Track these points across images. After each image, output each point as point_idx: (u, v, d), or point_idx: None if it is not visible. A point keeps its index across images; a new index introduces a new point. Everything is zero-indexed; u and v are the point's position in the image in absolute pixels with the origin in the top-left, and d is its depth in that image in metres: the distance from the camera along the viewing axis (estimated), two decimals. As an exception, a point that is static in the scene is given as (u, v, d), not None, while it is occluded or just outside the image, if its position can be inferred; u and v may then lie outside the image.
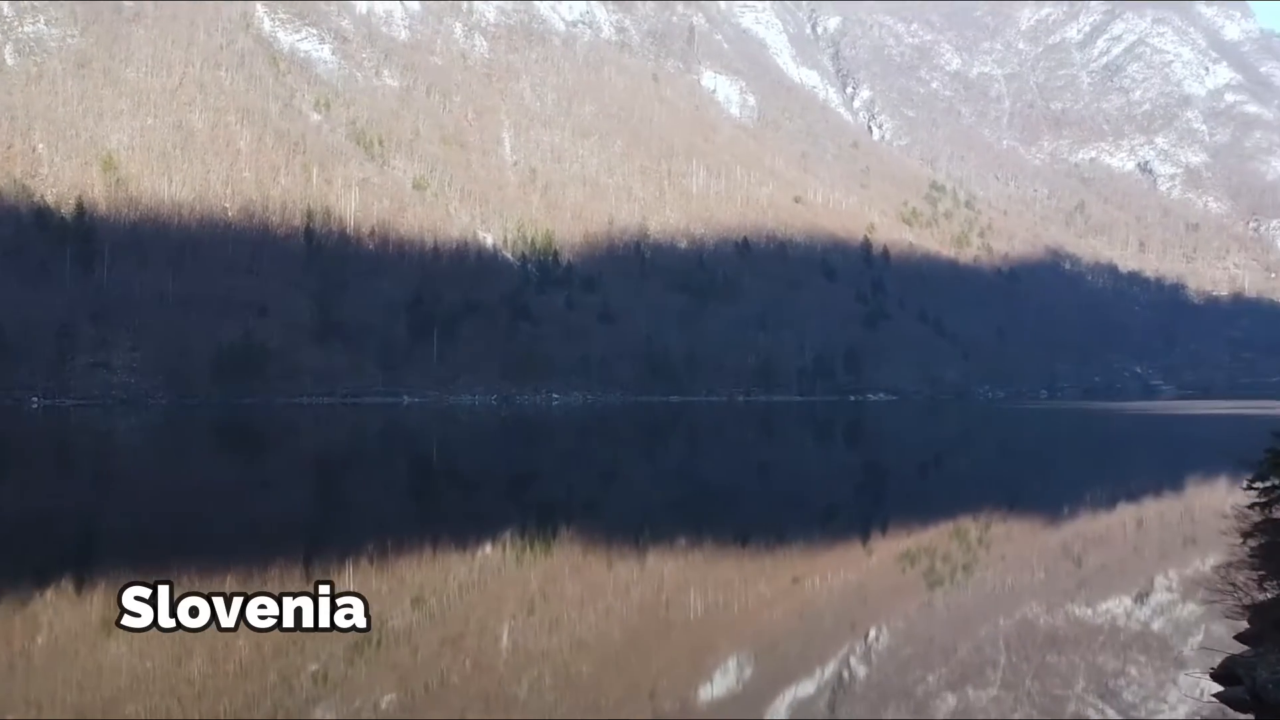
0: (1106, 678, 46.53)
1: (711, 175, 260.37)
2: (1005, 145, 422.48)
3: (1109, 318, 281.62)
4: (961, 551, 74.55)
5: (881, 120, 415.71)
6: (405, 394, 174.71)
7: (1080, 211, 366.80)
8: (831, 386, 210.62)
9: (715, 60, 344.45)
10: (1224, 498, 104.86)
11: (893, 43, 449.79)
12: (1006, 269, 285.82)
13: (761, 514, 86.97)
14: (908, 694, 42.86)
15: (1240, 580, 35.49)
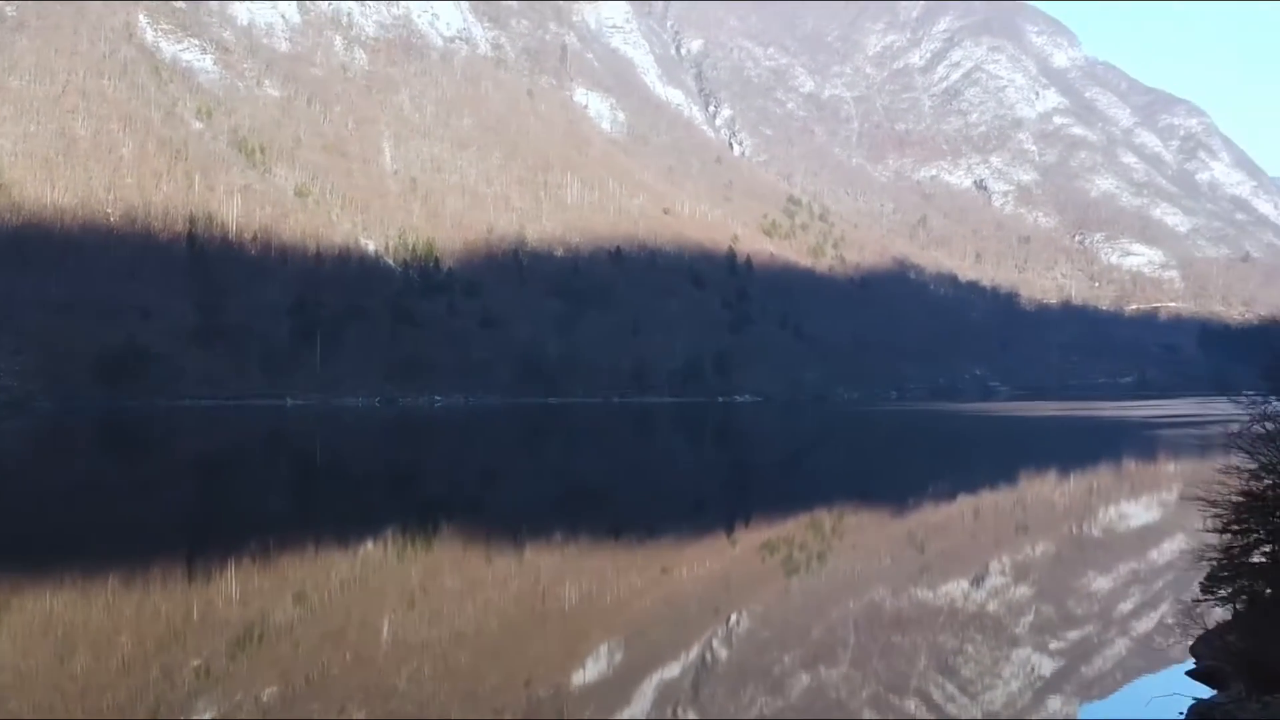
0: (946, 655, 46.74)
1: (585, 187, 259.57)
2: (855, 163, 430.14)
3: (951, 324, 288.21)
4: (816, 541, 74.87)
5: (741, 137, 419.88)
6: (289, 397, 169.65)
7: (923, 225, 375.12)
8: (701, 389, 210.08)
9: (587, 77, 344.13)
10: (1052, 489, 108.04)
11: (751, 65, 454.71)
12: (858, 278, 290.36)
13: (634, 509, 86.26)
14: (765, 673, 42.41)
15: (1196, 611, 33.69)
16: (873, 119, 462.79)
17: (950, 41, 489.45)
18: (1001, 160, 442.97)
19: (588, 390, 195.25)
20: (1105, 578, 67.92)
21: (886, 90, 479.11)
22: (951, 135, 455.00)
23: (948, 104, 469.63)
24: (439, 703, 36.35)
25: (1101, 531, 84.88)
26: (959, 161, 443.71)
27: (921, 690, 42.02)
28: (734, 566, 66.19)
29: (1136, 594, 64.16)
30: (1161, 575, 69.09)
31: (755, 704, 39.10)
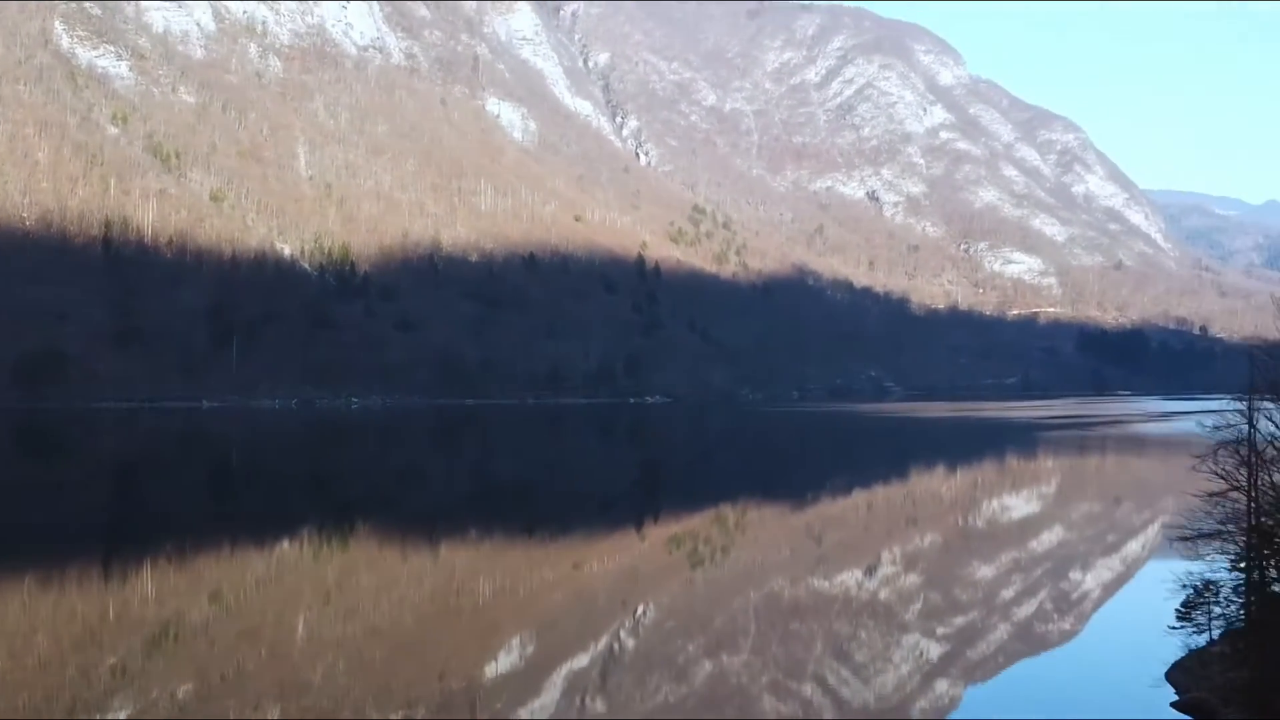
0: (841, 641, 47.99)
1: (499, 194, 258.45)
2: (755, 173, 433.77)
3: (848, 327, 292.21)
4: (721, 535, 75.86)
5: (648, 148, 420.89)
6: (205, 399, 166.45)
7: (820, 234, 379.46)
8: (613, 390, 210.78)
9: (498, 88, 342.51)
10: (940, 484, 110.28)
11: (656, 79, 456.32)
12: (761, 283, 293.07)
13: (548, 507, 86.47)
14: (670, 662, 43.10)
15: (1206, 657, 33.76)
16: (772, 132, 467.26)
17: (844, 59, 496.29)
18: (892, 172, 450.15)
19: (504, 392, 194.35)
20: (988, 566, 69.77)
21: (784, 104, 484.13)
22: (845, 148, 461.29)
23: (842, 118, 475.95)
24: (353, 697, 36.41)
25: (984, 523, 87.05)
26: (853, 173, 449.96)
27: (818, 675, 43.10)
28: (642, 560, 66.80)
29: (1018, 581, 66.08)
30: (1040, 564, 71.23)
31: (660, 691, 39.77)
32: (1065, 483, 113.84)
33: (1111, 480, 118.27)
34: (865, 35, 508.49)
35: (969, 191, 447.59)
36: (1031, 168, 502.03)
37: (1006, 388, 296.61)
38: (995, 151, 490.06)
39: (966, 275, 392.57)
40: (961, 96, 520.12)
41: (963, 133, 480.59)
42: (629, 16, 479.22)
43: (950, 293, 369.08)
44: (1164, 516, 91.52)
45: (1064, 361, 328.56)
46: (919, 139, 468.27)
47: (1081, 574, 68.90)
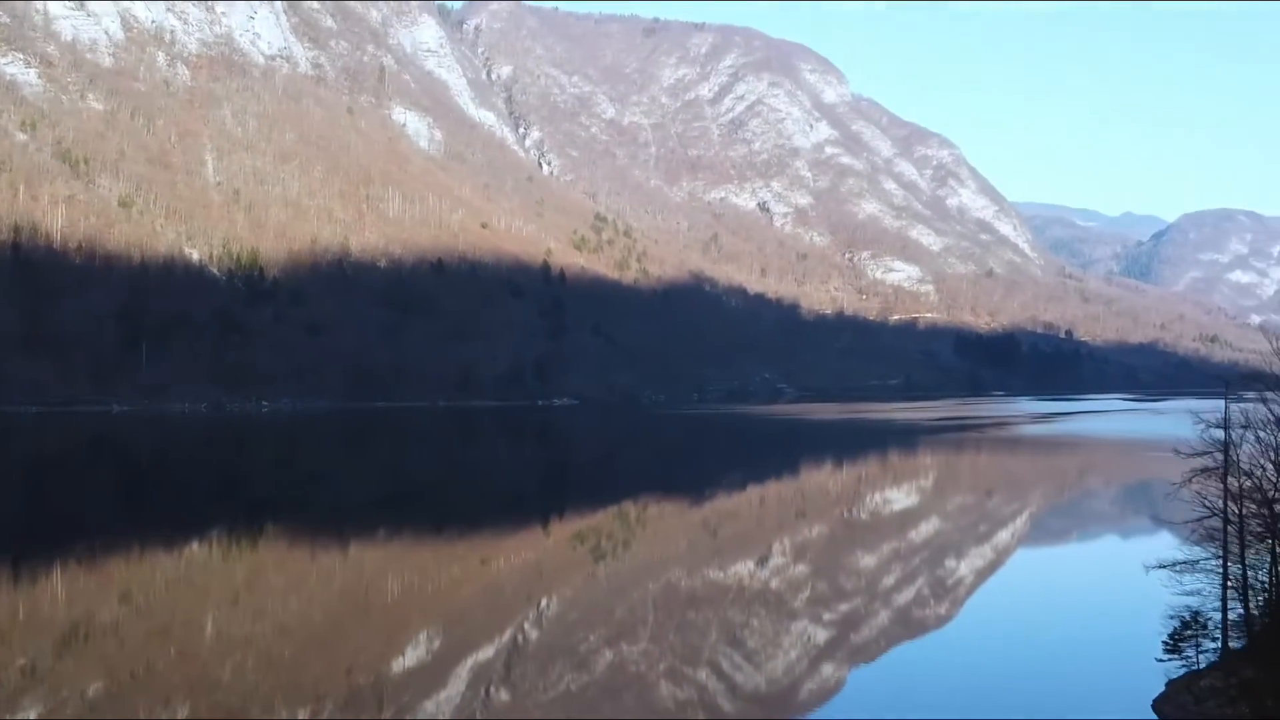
0: (734, 628, 48.86)
1: (406, 201, 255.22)
2: (653, 184, 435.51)
3: (743, 331, 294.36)
4: (622, 530, 76.37)
5: (550, 158, 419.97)
6: (115, 403, 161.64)
7: (715, 242, 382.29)
8: (523, 393, 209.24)
9: (404, 97, 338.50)
10: (826, 479, 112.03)
11: (557, 91, 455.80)
12: (660, 289, 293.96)
13: (456, 506, 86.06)
14: (572, 651, 43.53)
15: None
16: (668, 145, 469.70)
17: (735, 76, 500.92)
18: (781, 185, 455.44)
19: (414, 395, 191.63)
20: (870, 556, 71.22)
21: (680, 119, 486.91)
22: (738, 161, 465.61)
23: (734, 133, 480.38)
24: (262, 693, 36.05)
25: (867, 515, 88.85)
26: (744, 185, 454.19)
27: (712, 661, 43.80)
28: (547, 556, 67.04)
29: (898, 569, 67.50)
30: (918, 553, 72.86)
31: (563, 681, 40.11)
32: (944, 479, 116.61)
33: (984, 474, 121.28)
34: (755, 54, 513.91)
35: (853, 203, 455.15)
36: (909, 182, 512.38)
37: (890, 389, 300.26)
38: (876, 166, 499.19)
39: (851, 282, 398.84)
40: (845, 114, 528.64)
41: (846, 148, 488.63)
42: (530, 32, 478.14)
43: (837, 299, 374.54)
44: (1031, 509, 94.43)
45: (943, 364, 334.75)
46: (806, 153, 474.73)
47: (956, 561, 70.71)
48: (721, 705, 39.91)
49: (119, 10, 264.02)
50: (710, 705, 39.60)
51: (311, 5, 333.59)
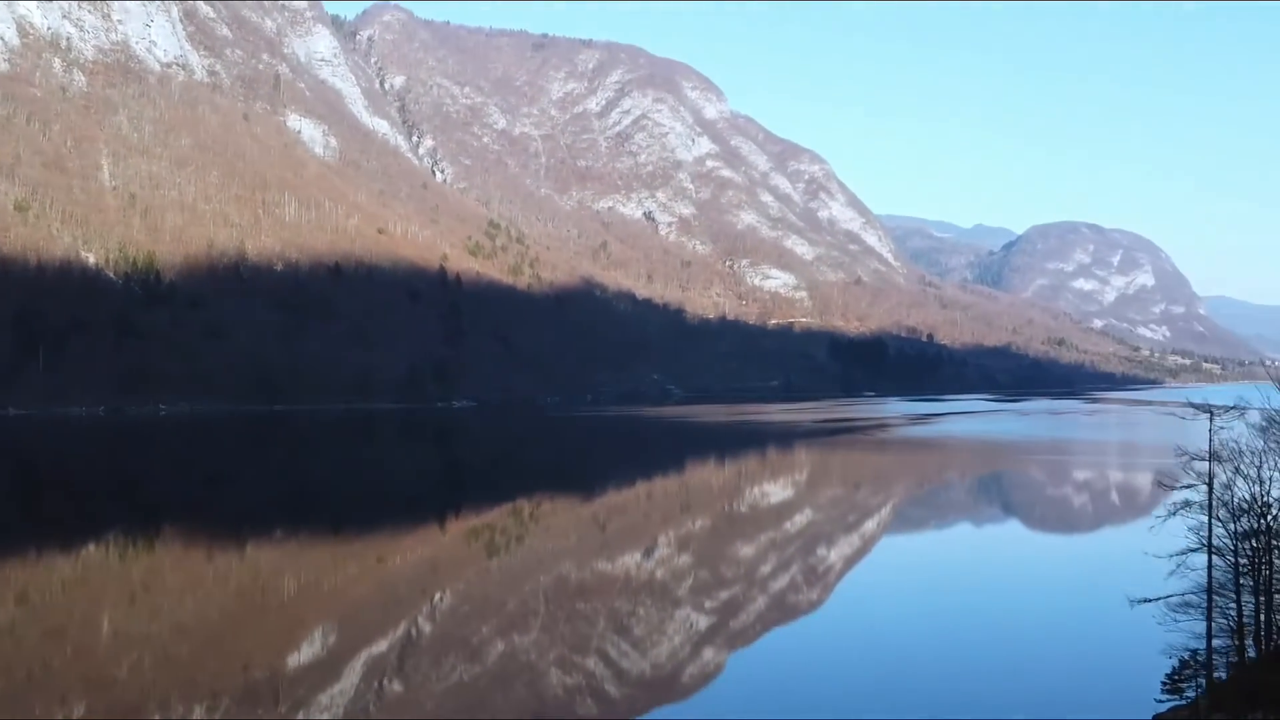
0: (622, 617, 49.22)
1: (303, 206, 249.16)
2: (543, 193, 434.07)
3: (633, 335, 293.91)
4: (515, 526, 76.15)
5: (443, 166, 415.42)
6: (10, 407, 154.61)
7: (604, 249, 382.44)
8: (421, 396, 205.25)
9: (299, 105, 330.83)
10: (710, 475, 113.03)
11: (450, 102, 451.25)
12: (553, 294, 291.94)
13: (354, 507, 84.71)
14: (464, 643, 43.42)
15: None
16: (558, 155, 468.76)
17: (621, 92, 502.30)
18: (666, 195, 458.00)
19: (313, 398, 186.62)
20: (749, 545, 72.06)
21: (569, 131, 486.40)
22: (624, 173, 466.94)
23: (620, 146, 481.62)
24: (158, 691, 35.12)
25: (747, 508, 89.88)
26: (631, 195, 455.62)
27: (600, 649, 43.92)
28: (442, 552, 66.41)
29: (773, 558, 68.43)
30: (792, 542, 74.02)
31: (455, 671, 39.91)
32: (820, 478, 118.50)
33: (854, 470, 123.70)
34: (640, 71, 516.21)
35: (732, 214, 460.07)
36: (784, 195, 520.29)
37: (771, 390, 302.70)
38: (754, 179, 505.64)
39: (732, 289, 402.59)
40: (724, 130, 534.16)
41: (726, 162, 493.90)
42: (423, 44, 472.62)
43: (719, 304, 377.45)
44: (894, 500, 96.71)
45: (818, 366, 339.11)
46: (688, 166, 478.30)
47: (827, 550, 72.06)
48: (609, 691, 40.08)
49: (14, 17, 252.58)
50: (598, 692, 39.73)
51: (207, 14, 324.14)
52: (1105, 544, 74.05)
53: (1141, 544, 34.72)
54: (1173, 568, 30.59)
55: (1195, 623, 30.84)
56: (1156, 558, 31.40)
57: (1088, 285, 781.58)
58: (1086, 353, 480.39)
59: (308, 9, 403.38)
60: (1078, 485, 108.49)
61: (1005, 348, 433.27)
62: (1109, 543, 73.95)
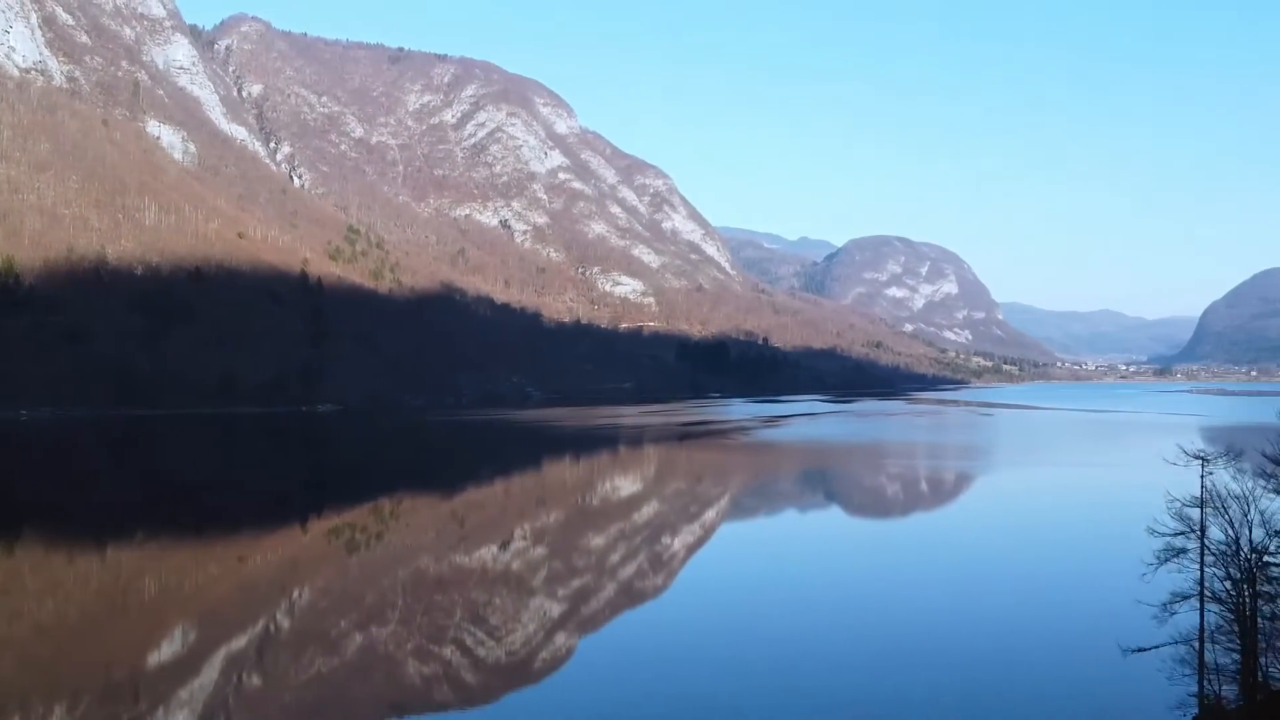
0: (477, 608, 49.22)
1: (163, 211, 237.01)
2: (401, 200, 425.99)
3: (493, 338, 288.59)
4: (376, 524, 74.92)
5: (301, 172, 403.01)
6: None
7: (462, 255, 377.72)
8: (287, 399, 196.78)
9: (159, 111, 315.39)
10: (565, 472, 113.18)
11: (307, 110, 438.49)
12: (414, 298, 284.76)
13: (217, 509, 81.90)
14: (323, 636, 42.82)
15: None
16: (415, 164, 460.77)
17: (476, 105, 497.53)
18: (520, 205, 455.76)
19: (177, 402, 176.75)
20: (600, 536, 72.53)
21: (425, 141, 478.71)
22: (480, 182, 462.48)
23: (476, 156, 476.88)
24: (19, 689, 33.54)
25: (599, 501, 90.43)
26: (487, 204, 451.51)
27: (457, 639, 43.69)
28: (303, 551, 64.80)
29: (623, 547, 69.06)
30: (640, 533, 74.90)
31: (314, 664, 39.20)
32: (671, 479, 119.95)
33: (697, 466, 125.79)
34: (494, 86, 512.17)
35: (583, 224, 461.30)
36: (631, 207, 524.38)
37: (624, 391, 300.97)
38: (603, 192, 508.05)
39: (585, 294, 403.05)
40: (574, 144, 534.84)
41: (577, 175, 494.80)
42: (280, 54, 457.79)
43: (573, 309, 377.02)
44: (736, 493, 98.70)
45: (668, 368, 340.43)
46: (541, 178, 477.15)
47: (671, 539, 73.16)
48: (465, 678, 39.93)
49: None
50: (454, 679, 39.54)
51: (67, 21, 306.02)
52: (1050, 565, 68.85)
53: (1134, 592, 32.51)
54: (1157, 612, 29.16)
55: (1171, 666, 29.44)
56: (1148, 605, 29.92)
57: (900, 293, 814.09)
58: (901, 355, 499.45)
59: (166, 18, 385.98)
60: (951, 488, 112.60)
61: (831, 350, 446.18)
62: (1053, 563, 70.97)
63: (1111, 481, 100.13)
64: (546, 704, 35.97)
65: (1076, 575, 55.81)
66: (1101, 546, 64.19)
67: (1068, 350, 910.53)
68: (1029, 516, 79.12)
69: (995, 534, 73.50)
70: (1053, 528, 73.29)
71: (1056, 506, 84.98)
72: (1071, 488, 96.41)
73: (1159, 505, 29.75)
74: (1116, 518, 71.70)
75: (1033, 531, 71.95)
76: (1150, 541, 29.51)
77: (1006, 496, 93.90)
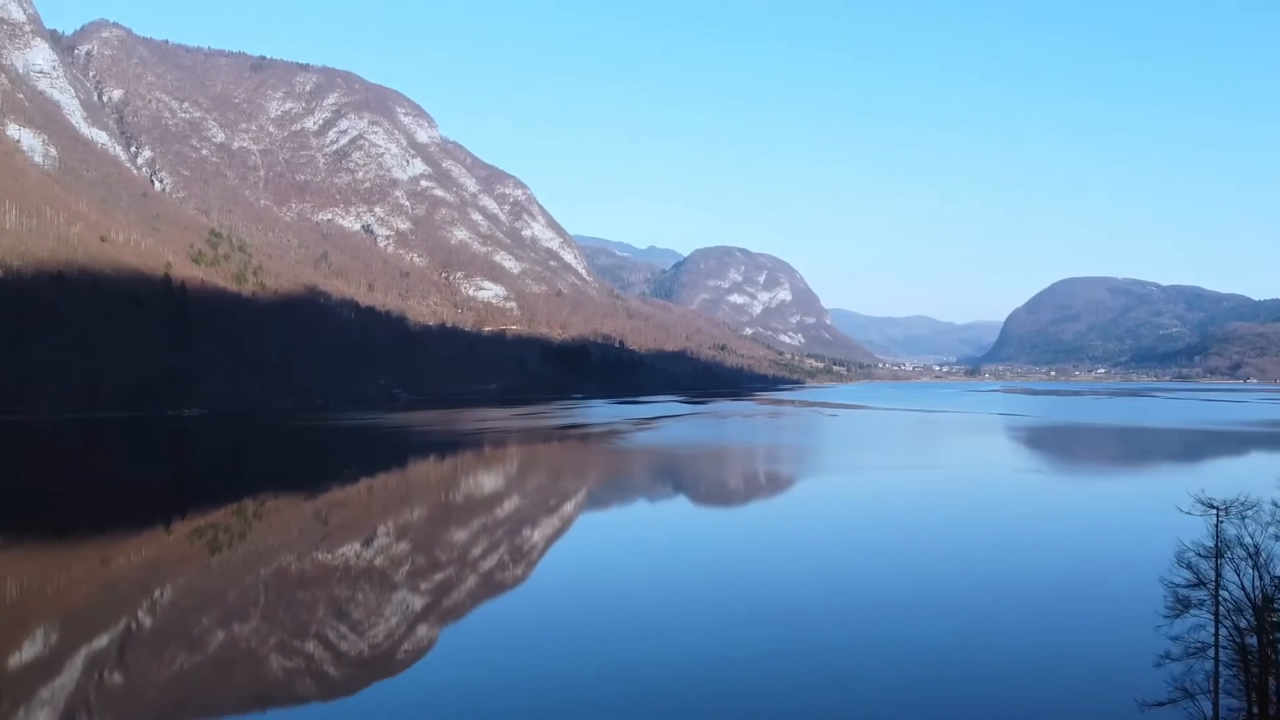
0: (340, 603, 48.74)
1: (24, 214, 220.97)
2: (263, 204, 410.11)
3: (359, 342, 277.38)
4: (240, 524, 72.71)
5: (162, 176, 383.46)
6: None
7: (325, 259, 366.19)
8: (154, 404, 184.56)
9: (18, 115, 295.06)
10: (427, 470, 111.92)
11: (168, 115, 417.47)
12: (279, 302, 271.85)
13: (80, 513, 78.51)
14: (185, 634, 41.83)
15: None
16: (276, 169, 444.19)
17: (338, 113, 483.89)
18: (383, 211, 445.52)
19: (41, 407, 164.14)
20: (462, 530, 72.15)
21: (288, 147, 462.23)
22: (343, 188, 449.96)
23: (338, 163, 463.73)
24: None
25: (463, 498, 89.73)
26: (350, 209, 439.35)
27: (319, 633, 42.95)
28: (166, 552, 62.36)
29: (484, 540, 68.90)
30: (502, 526, 74.76)
31: (176, 661, 37.99)
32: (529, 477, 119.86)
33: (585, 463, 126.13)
34: (355, 95, 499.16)
35: (446, 230, 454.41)
36: (492, 214, 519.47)
37: (491, 392, 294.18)
38: (465, 200, 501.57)
39: (448, 298, 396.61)
40: (435, 153, 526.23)
41: (438, 183, 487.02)
42: (141, 60, 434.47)
43: (438, 312, 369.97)
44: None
45: (531, 370, 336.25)
46: (404, 185, 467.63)
47: (530, 531, 73.34)
48: (327, 671, 39.33)
49: None
50: (317, 673, 38.92)
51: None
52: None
53: (1151, 644, 30.07)
54: (1166, 663, 27.56)
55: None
56: (1165, 659, 27.88)
57: (740, 299, 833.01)
58: (744, 357, 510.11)
59: (26, 23, 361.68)
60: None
61: (682, 353, 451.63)
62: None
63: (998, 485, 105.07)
64: (409, 694, 35.84)
65: (1087, 623, 46.12)
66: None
67: (887, 352, 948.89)
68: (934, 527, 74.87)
69: (876, 532, 76.40)
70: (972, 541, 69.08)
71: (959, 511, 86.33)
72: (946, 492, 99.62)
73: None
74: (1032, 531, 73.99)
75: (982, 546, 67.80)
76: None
77: (879, 499, 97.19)
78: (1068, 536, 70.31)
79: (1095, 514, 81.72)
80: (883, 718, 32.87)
